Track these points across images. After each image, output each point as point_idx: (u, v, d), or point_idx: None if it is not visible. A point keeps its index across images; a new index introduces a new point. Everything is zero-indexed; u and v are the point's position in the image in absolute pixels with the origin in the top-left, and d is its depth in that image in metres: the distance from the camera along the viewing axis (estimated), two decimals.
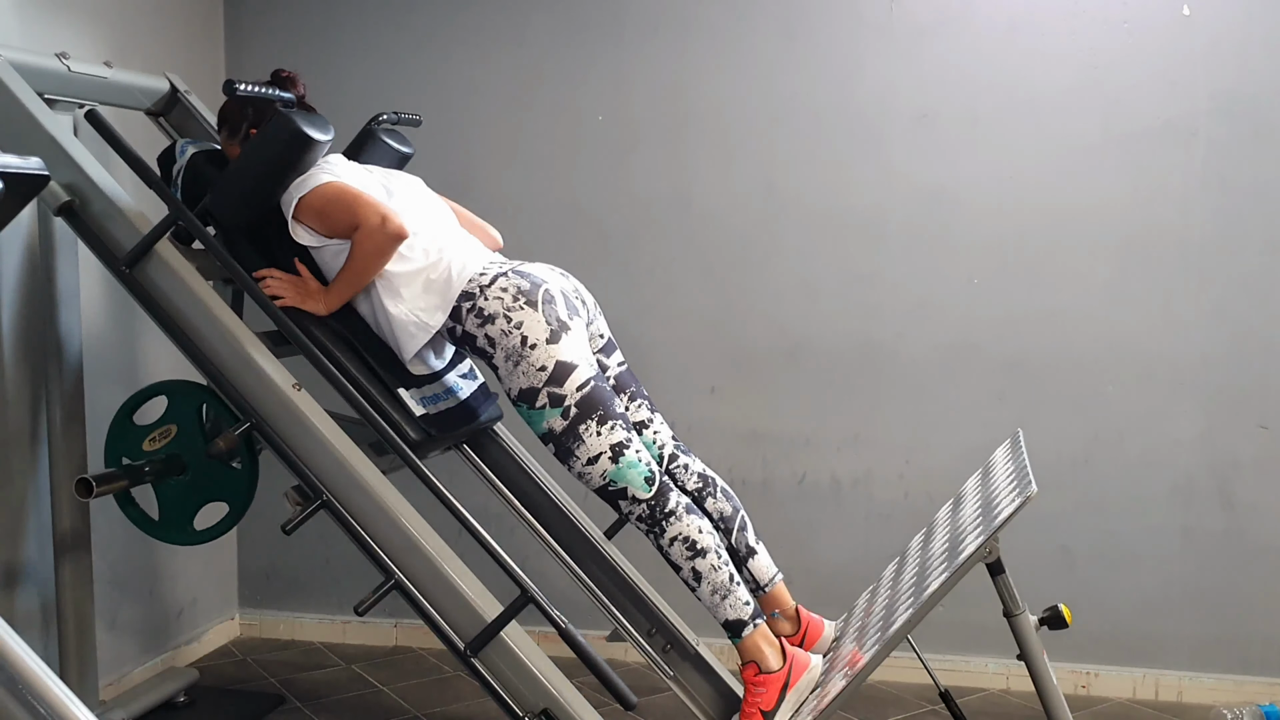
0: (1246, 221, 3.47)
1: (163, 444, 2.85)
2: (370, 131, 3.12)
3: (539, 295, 2.61)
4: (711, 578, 2.61)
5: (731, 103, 3.72)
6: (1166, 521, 3.57)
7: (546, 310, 2.60)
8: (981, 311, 3.62)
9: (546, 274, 2.70)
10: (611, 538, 3.09)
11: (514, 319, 2.58)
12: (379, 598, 2.55)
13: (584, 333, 2.69)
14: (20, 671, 1.23)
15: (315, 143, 2.68)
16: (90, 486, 2.69)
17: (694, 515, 2.64)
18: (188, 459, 2.85)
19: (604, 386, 2.62)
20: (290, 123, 2.64)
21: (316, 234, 2.69)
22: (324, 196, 2.65)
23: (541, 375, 2.56)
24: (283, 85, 2.81)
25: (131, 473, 2.81)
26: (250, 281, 2.68)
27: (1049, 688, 2.42)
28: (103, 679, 3.26)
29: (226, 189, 2.71)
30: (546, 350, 2.56)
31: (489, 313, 2.60)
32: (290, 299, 2.69)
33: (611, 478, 2.59)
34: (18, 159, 1.88)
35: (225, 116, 2.85)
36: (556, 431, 2.58)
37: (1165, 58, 3.47)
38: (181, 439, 2.85)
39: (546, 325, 2.58)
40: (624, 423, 2.62)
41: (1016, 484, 2.42)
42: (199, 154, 2.90)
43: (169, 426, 2.86)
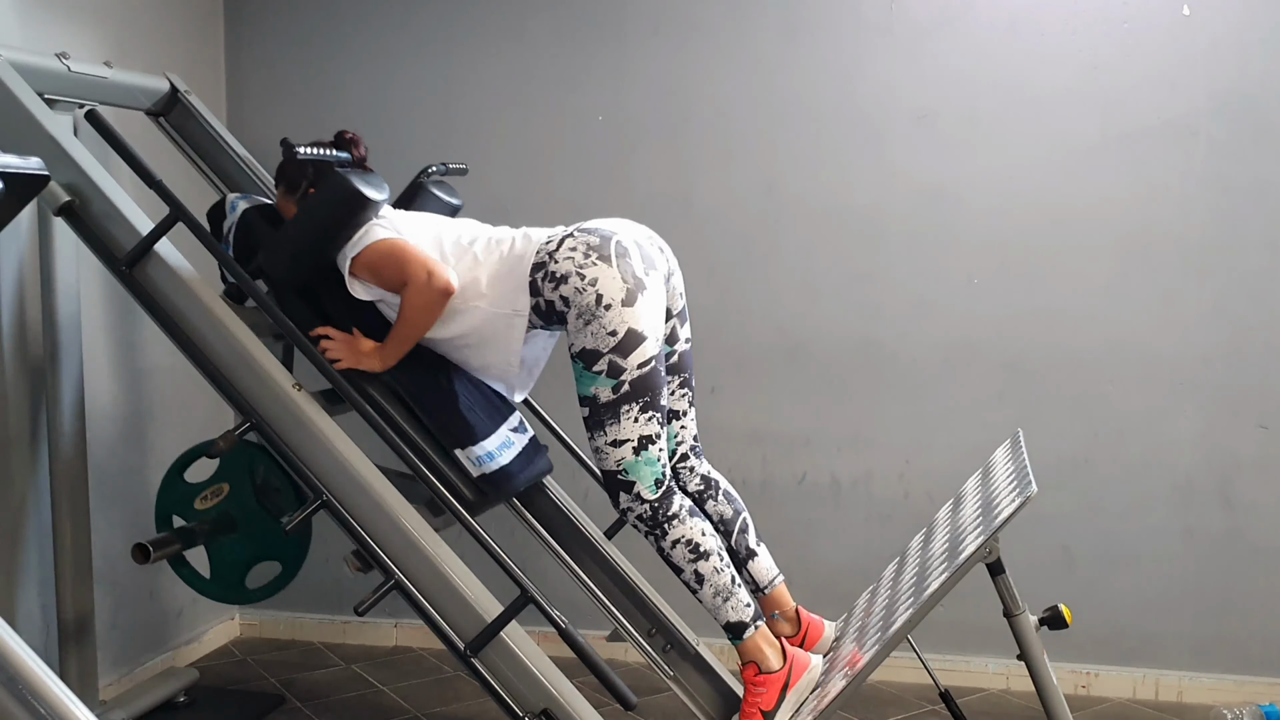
0: (1246, 221, 3.47)
1: (214, 502, 2.86)
2: (420, 185, 3.09)
3: (611, 249, 2.56)
4: (714, 580, 2.61)
5: (731, 103, 3.72)
6: (1166, 521, 3.57)
7: (621, 265, 2.54)
8: (981, 311, 3.62)
9: (615, 225, 2.65)
10: (611, 538, 3.10)
11: (588, 275, 2.53)
12: (379, 598, 2.55)
13: (662, 289, 2.63)
14: (20, 671, 1.23)
15: (371, 203, 2.66)
16: (148, 552, 2.71)
17: (697, 518, 2.63)
18: (239, 518, 2.86)
19: (661, 370, 2.58)
20: (348, 183, 2.63)
21: (373, 288, 2.68)
22: (378, 252, 2.62)
23: (610, 340, 2.51)
24: (344, 146, 2.79)
25: (185, 535, 2.83)
26: (306, 342, 2.67)
27: (1049, 688, 2.42)
28: (103, 679, 3.26)
29: (281, 247, 2.69)
30: (621, 313, 2.51)
31: (561, 273, 2.55)
32: (347, 360, 2.67)
33: (626, 467, 2.57)
34: (18, 159, 1.88)
35: (283, 173, 2.83)
36: (600, 401, 2.55)
37: (1165, 58, 3.47)
38: (233, 497, 2.86)
39: (623, 283, 2.53)
40: (661, 416, 2.59)
41: (1016, 484, 2.42)
42: (251, 210, 2.88)
43: (221, 485, 2.87)
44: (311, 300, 2.78)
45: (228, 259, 2.71)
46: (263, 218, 2.87)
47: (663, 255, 2.70)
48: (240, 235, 2.85)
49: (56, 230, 2.92)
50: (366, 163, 2.84)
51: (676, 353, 2.79)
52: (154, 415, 3.59)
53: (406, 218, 2.77)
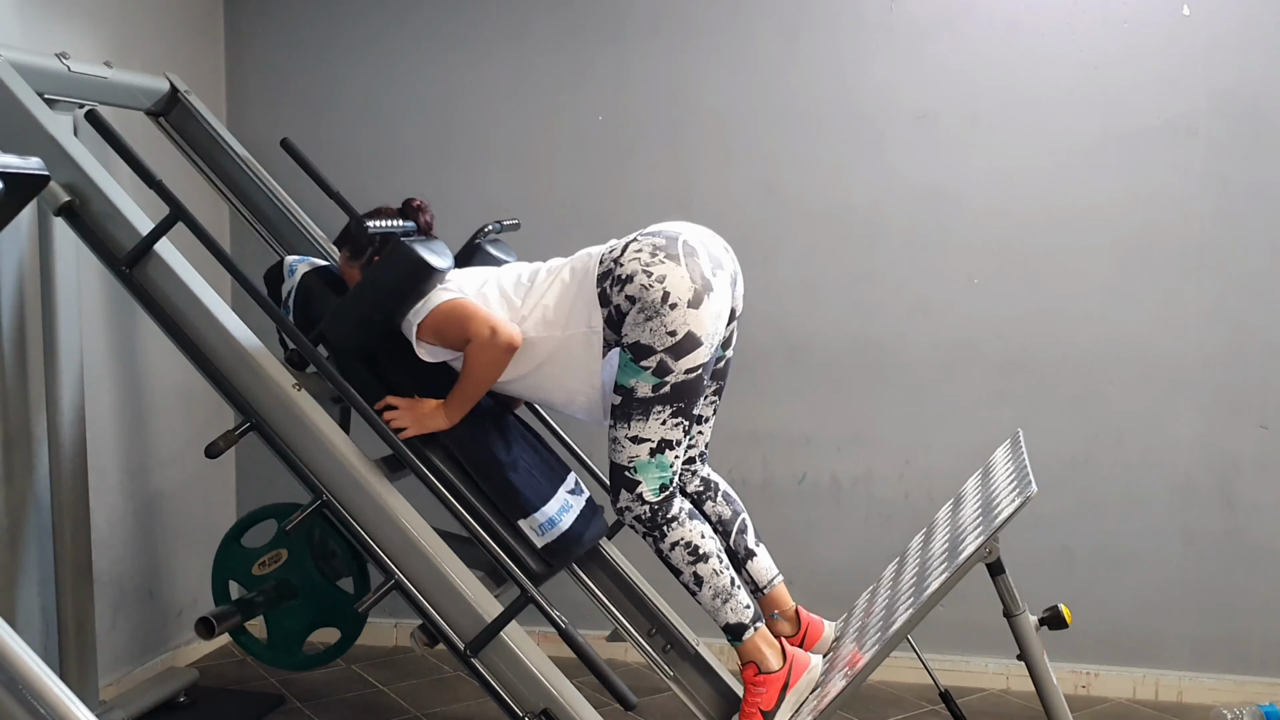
0: (1246, 221, 3.47)
1: (273, 569, 2.87)
2: (477, 246, 3.05)
3: (678, 248, 2.53)
4: (713, 582, 2.61)
5: (731, 103, 3.71)
6: (1166, 521, 3.57)
7: (690, 264, 2.51)
8: (981, 311, 3.62)
9: (680, 226, 2.62)
10: (611, 538, 3.10)
11: (655, 273, 2.49)
12: (379, 598, 2.56)
13: (728, 291, 2.60)
14: (20, 671, 1.23)
15: (436, 271, 2.65)
16: (212, 627, 2.72)
17: (696, 520, 2.63)
18: (298, 584, 2.87)
19: (704, 379, 2.55)
20: (413, 253, 2.61)
21: (439, 350, 2.67)
22: (442, 314, 2.61)
23: (668, 340, 2.48)
24: (411, 215, 2.77)
25: (246, 608, 2.84)
26: (365, 407, 2.65)
27: (1049, 688, 2.42)
28: (103, 679, 3.26)
29: (345, 315, 2.67)
30: (685, 314, 2.47)
31: (627, 274, 2.52)
32: (413, 428, 2.66)
33: (637, 465, 2.56)
34: (18, 159, 1.88)
35: (348, 238, 2.81)
36: (635, 394, 2.52)
37: (1165, 58, 3.47)
38: (291, 563, 2.87)
39: (690, 283, 2.49)
40: (688, 424, 2.57)
41: (1016, 484, 2.42)
42: (310, 273, 2.86)
43: (279, 551, 2.87)
44: (372, 366, 2.76)
45: (289, 325, 2.71)
46: (323, 281, 2.85)
47: (728, 255, 2.67)
48: (300, 300, 2.83)
49: (56, 230, 2.91)
50: (432, 229, 2.82)
51: (725, 359, 2.76)
52: (154, 415, 3.59)
53: (467, 275, 2.75)
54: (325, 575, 2.91)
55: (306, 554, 2.86)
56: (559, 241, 3.76)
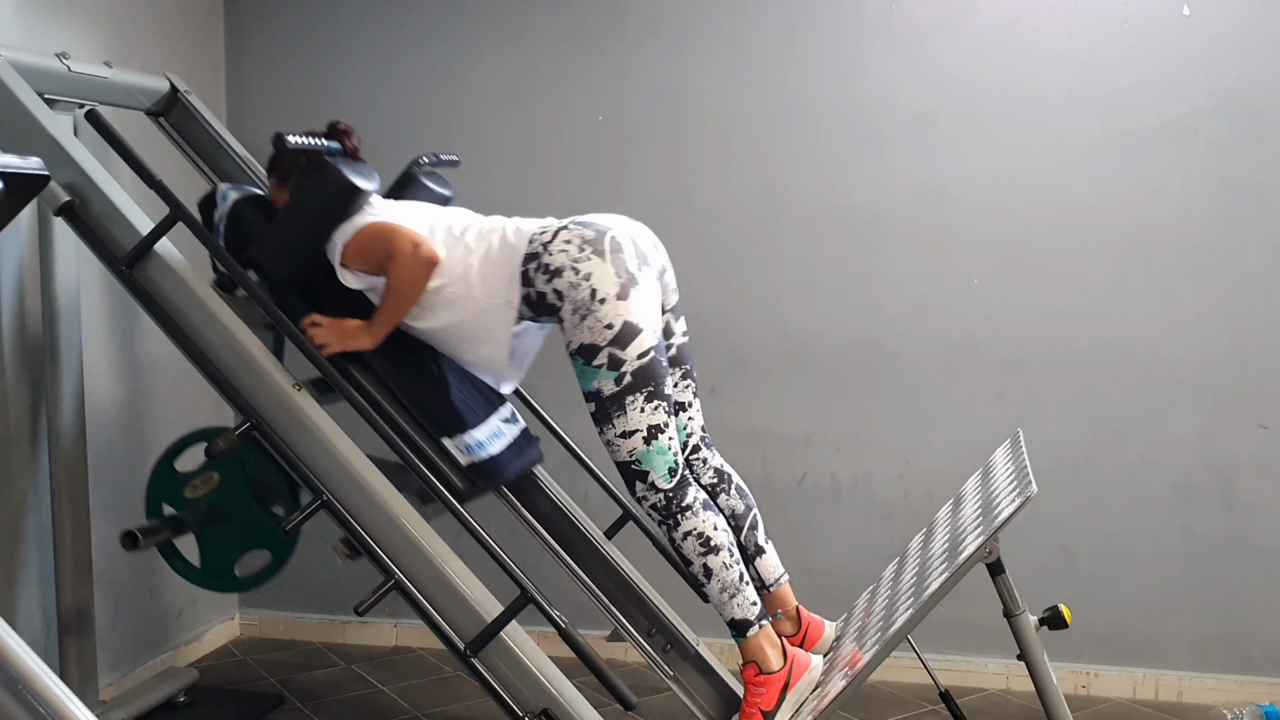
0: (1246, 221, 3.47)
1: (205, 491, 2.85)
2: (411, 175, 3.09)
3: (605, 244, 2.57)
4: (722, 575, 2.61)
5: (731, 103, 3.72)
6: (1166, 521, 3.57)
7: (615, 260, 2.55)
8: (981, 311, 3.62)
9: (611, 220, 2.66)
10: (611, 538, 3.10)
11: (582, 269, 2.54)
12: (379, 598, 2.55)
13: (655, 285, 2.64)
14: (20, 671, 1.23)
15: (362, 193, 2.67)
16: (136, 539, 2.70)
17: (710, 511, 2.63)
18: (230, 507, 2.85)
19: (662, 360, 2.58)
20: (339, 174, 2.64)
21: (363, 275, 2.68)
22: (365, 236, 2.64)
23: (607, 333, 2.52)
24: (336, 137, 2.79)
25: (175, 524, 2.82)
26: (295, 330, 2.67)
27: (1049, 688, 2.42)
28: (103, 679, 3.26)
29: (274, 239, 2.70)
30: (616, 306, 2.52)
31: (555, 266, 2.56)
32: (335, 344, 2.67)
33: (639, 457, 2.57)
34: (18, 159, 1.88)
35: (275, 164, 2.84)
36: (604, 395, 2.55)
37: (1165, 58, 3.47)
38: (224, 487, 2.85)
39: (616, 278, 2.53)
40: (668, 405, 2.59)
41: (1016, 484, 2.42)
42: (241, 200, 2.88)
43: (211, 474, 2.86)
44: (303, 291, 2.78)
45: (219, 249, 2.71)
46: (254, 208, 2.87)
47: (656, 252, 2.71)
48: (232, 226, 2.85)
49: (56, 230, 2.92)
50: (359, 153, 2.85)
51: (674, 345, 2.80)
52: (154, 415, 3.59)
53: (396, 207, 2.78)
54: (257, 499, 2.90)
55: (239, 478, 2.84)
56: None
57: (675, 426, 2.61)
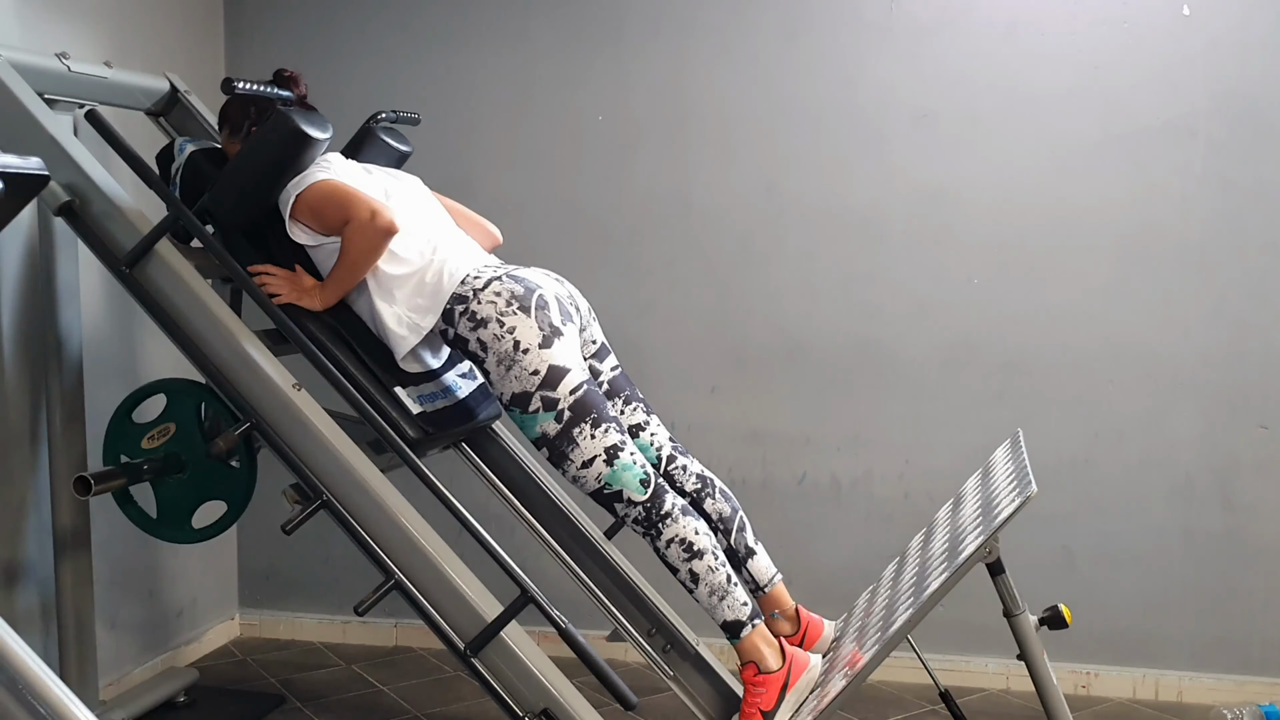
0: (1246, 221, 3.47)
1: (161, 442, 2.85)
2: (369, 130, 3.12)
3: (532, 301, 2.61)
4: (709, 579, 2.61)
5: (731, 103, 3.72)
6: (1166, 521, 3.57)
7: (539, 316, 2.59)
8: (981, 311, 3.62)
9: (541, 279, 2.70)
10: (611, 538, 3.09)
11: (507, 323, 2.57)
12: (379, 598, 2.55)
13: (576, 339, 2.69)
14: (20, 671, 1.23)
15: (314, 141, 2.68)
16: (89, 484, 2.69)
17: (690, 517, 2.63)
18: (186, 457, 2.84)
19: (596, 390, 2.62)
20: (289, 121, 2.64)
21: (313, 232, 2.70)
22: (319, 194, 2.65)
23: (534, 379, 2.55)
24: (284, 84, 2.81)
25: (130, 471, 2.80)
26: (248, 280, 2.68)
27: (1049, 688, 2.42)
28: (103, 679, 3.26)
29: (225, 187, 2.71)
30: (539, 355, 2.56)
31: (481, 316, 2.59)
32: (286, 296, 2.69)
33: (607, 480, 2.59)
34: (18, 159, 1.88)
35: (226, 115, 2.86)
36: (550, 435, 2.58)
37: (1165, 58, 3.47)
38: (180, 437, 2.85)
39: (539, 330, 2.58)
40: (617, 425, 2.61)
41: (1016, 484, 2.42)
42: (198, 152, 2.89)
43: (167, 425, 2.86)
44: (257, 241, 2.78)
45: (175, 199, 2.69)
46: (209, 160, 2.87)
47: (578, 311, 2.76)
48: (188, 177, 2.85)
49: (56, 230, 2.92)
50: (307, 100, 2.85)
51: (605, 381, 2.82)
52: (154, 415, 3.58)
53: (353, 169, 2.79)
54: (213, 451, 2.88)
55: (197, 429, 2.84)
56: (559, 241, 3.77)
57: (631, 445, 2.63)
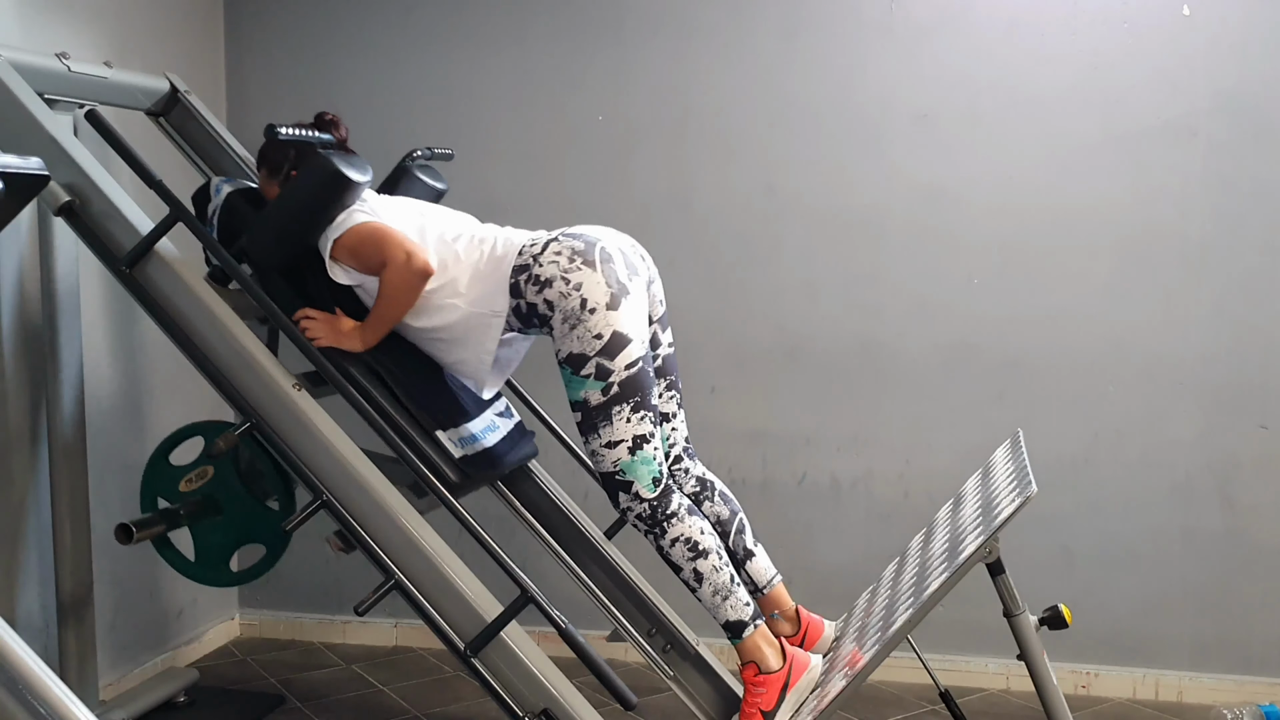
0: (1246, 221, 3.47)
1: (199, 485, 2.85)
2: (405, 168, 3.09)
3: (596, 254, 2.58)
4: (713, 579, 2.61)
5: (731, 103, 3.72)
6: (1166, 521, 3.57)
7: (605, 270, 2.56)
8: (981, 311, 3.62)
9: (600, 232, 2.67)
10: (611, 538, 3.10)
11: (572, 280, 2.54)
12: (379, 598, 2.55)
13: (644, 295, 2.65)
14: (20, 671, 1.23)
15: (354, 184, 2.66)
16: (130, 532, 2.70)
17: (696, 517, 2.64)
18: (224, 501, 2.85)
19: (649, 371, 2.59)
20: (330, 164, 2.63)
21: (353, 272, 2.68)
22: (358, 235, 2.63)
23: (596, 343, 2.53)
24: (325, 128, 2.80)
25: (169, 517, 2.82)
26: (287, 322, 2.68)
27: (1049, 688, 2.42)
28: (103, 679, 3.26)
29: (264, 230, 2.70)
30: (605, 316, 2.53)
31: (545, 277, 2.56)
32: (327, 339, 2.68)
33: (623, 468, 2.58)
34: (18, 159, 1.88)
35: (265, 156, 2.83)
36: (590, 404, 2.56)
37: (1165, 58, 3.47)
38: (218, 480, 2.85)
39: (606, 287, 2.55)
40: (653, 415, 2.60)
41: (1016, 484, 2.42)
42: (234, 193, 2.88)
43: (205, 468, 2.86)
44: (295, 283, 2.78)
45: (212, 241, 2.71)
46: (246, 201, 2.87)
47: (644, 263, 2.72)
48: (224, 218, 2.85)
49: (56, 230, 2.92)
50: (348, 144, 2.85)
51: (660, 356, 2.80)
52: (154, 415, 3.59)
53: (390, 204, 2.78)
54: (251, 493, 2.89)
55: (232, 471, 2.84)
56: None
57: (660, 437, 2.62)
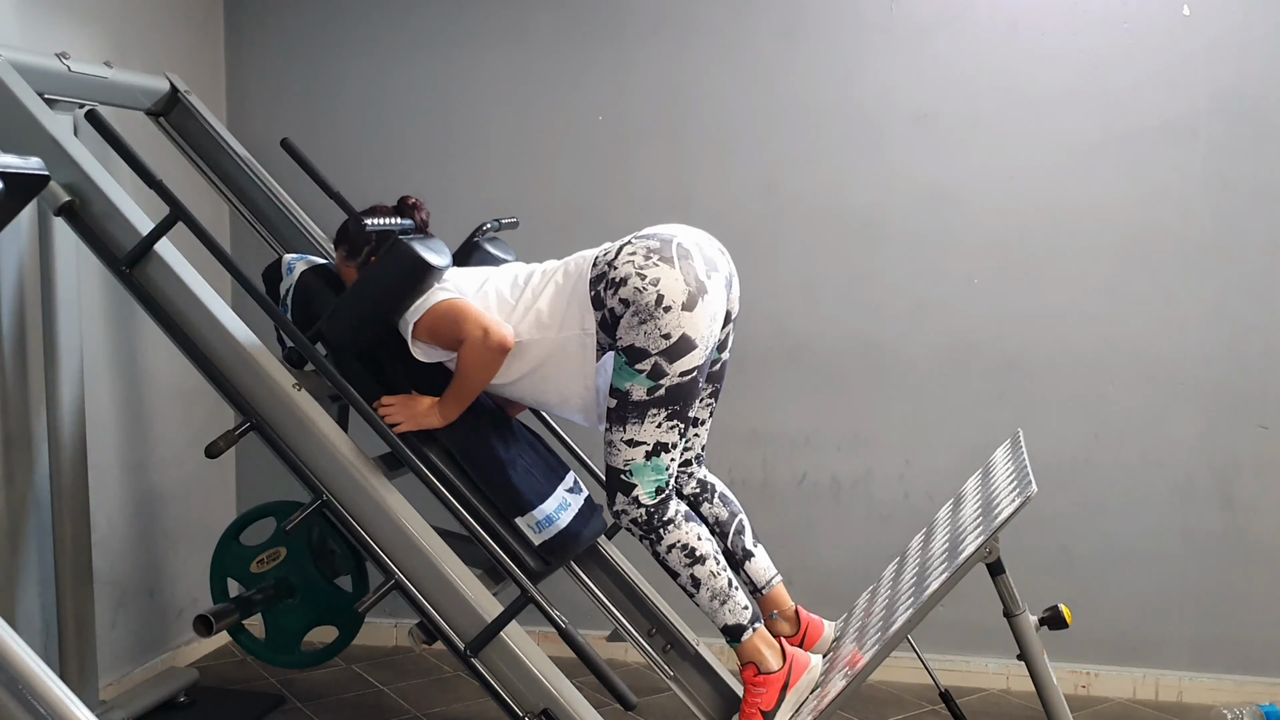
0: (1246, 221, 3.47)
1: (271, 566, 2.87)
2: (475, 244, 3.04)
3: (673, 250, 2.52)
4: (710, 584, 2.61)
5: (731, 103, 3.71)
6: (1166, 521, 3.57)
7: (684, 266, 2.50)
8: (981, 311, 3.62)
9: (675, 228, 2.62)
10: (611, 538, 3.10)
11: (649, 275, 2.48)
12: (379, 598, 2.56)
13: (723, 293, 2.59)
14: (20, 671, 1.23)
15: (434, 269, 2.64)
16: (210, 624, 2.73)
17: (692, 522, 2.63)
18: (296, 582, 2.87)
19: (699, 381, 2.54)
20: (411, 252, 2.60)
21: (436, 350, 2.66)
22: (436, 315, 2.60)
23: (663, 343, 2.47)
24: (407, 212, 2.77)
25: (245, 605, 2.84)
26: (363, 404, 2.66)
27: (1049, 688, 2.42)
28: (103, 679, 3.26)
29: (344, 313, 2.67)
30: (679, 317, 2.47)
31: (621, 277, 2.51)
32: (407, 424, 2.66)
33: (632, 469, 2.56)
34: (18, 159, 1.88)
35: (345, 237, 2.80)
36: (631, 398, 2.52)
37: (1165, 58, 3.47)
38: (290, 562, 2.87)
39: (685, 285, 2.48)
40: (684, 428, 2.57)
41: (1016, 484, 2.42)
42: (309, 272, 2.86)
43: (278, 549, 2.88)
44: (370, 364, 2.77)
45: (288, 323, 2.71)
46: (320, 278, 2.85)
47: (723, 257, 2.65)
48: (299, 298, 2.83)
49: (56, 230, 2.92)
50: (428, 227, 2.82)
51: (721, 361, 2.77)
52: (154, 415, 3.59)
53: (464, 275, 2.75)
54: (323, 574, 2.91)
55: (305, 552, 2.86)
56: (559, 241, 3.75)
57: (680, 449, 2.59)
